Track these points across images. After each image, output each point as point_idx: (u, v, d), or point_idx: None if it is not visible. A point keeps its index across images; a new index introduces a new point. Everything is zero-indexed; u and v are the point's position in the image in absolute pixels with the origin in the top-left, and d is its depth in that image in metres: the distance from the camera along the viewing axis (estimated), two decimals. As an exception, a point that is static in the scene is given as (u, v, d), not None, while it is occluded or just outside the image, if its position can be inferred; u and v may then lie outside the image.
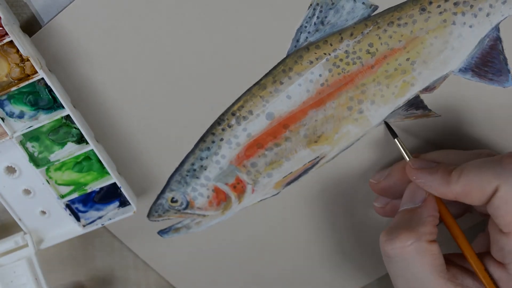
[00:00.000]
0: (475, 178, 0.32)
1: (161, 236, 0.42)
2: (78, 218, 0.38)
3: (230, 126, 0.37)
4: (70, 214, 0.37)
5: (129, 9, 0.34)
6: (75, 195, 0.37)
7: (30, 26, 0.34)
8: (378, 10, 0.34)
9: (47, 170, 0.36)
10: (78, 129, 0.35)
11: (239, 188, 0.39)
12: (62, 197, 0.37)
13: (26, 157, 0.35)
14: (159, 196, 0.40)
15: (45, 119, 0.35)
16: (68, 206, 0.37)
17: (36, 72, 0.33)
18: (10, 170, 0.36)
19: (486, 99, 0.37)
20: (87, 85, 0.36)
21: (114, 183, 0.37)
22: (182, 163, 0.39)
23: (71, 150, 0.36)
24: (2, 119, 0.35)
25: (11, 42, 0.32)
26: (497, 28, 0.35)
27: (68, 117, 0.35)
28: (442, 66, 0.36)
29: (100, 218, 0.38)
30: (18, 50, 0.33)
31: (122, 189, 0.37)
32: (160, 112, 0.37)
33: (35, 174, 0.36)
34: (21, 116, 0.35)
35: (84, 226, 0.38)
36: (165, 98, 0.36)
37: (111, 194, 0.38)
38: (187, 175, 0.39)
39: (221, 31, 0.35)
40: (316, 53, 0.35)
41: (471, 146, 0.38)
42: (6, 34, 0.32)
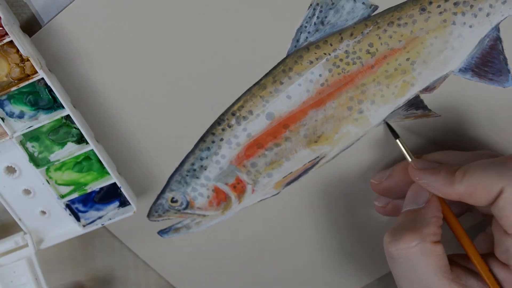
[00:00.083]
0: (480, 179, 0.32)
1: (161, 236, 0.42)
2: (78, 218, 0.38)
3: (230, 126, 0.37)
4: (70, 214, 0.37)
5: (129, 9, 0.34)
6: (75, 195, 0.37)
7: (30, 26, 0.34)
8: (378, 10, 0.34)
9: (47, 170, 0.36)
10: (78, 129, 0.35)
11: (239, 188, 0.39)
12: (62, 197, 0.37)
13: (26, 157, 0.35)
14: (159, 196, 0.40)
15: (45, 119, 0.35)
16: (68, 206, 0.37)
17: (36, 72, 0.33)
18: (10, 170, 0.36)
19: (486, 99, 0.37)
20: (87, 85, 0.36)
21: (114, 183, 0.37)
22: (182, 163, 0.39)
23: (71, 150, 0.36)
24: (2, 119, 0.35)
25: (11, 42, 0.32)
26: (497, 28, 0.35)
27: (68, 117, 0.35)
28: (442, 66, 0.36)
29: (100, 218, 0.38)
30: (18, 50, 0.32)
31: (122, 189, 0.37)
32: (160, 112, 0.37)
33: (35, 174, 0.36)
34: (21, 116, 0.35)
35: (84, 226, 0.38)
36: (165, 98, 0.36)
37: (111, 194, 0.38)
38: (187, 175, 0.39)
39: (221, 31, 0.34)
40: (316, 53, 0.35)
41: (471, 146, 0.38)
42: (6, 34, 0.32)
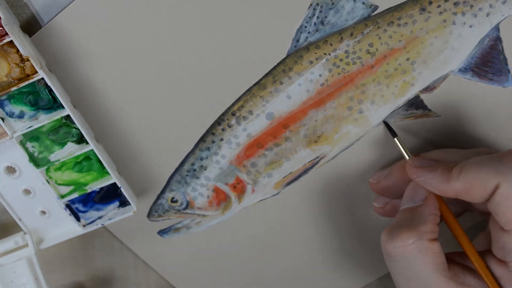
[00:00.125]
0: (476, 175, 0.32)
1: (161, 236, 0.42)
2: (78, 218, 0.38)
3: (230, 126, 0.37)
4: (70, 214, 0.37)
5: (129, 9, 0.34)
6: (75, 195, 0.37)
7: (30, 26, 0.34)
8: (378, 10, 0.34)
9: (47, 170, 0.36)
10: (78, 129, 0.35)
11: (239, 188, 0.39)
12: (62, 197, 0.37)
13: (26, 157, 0.35)
14: (159, 196, 0.40)
15: (45, 119, 0.35)
16: (68, 206, 0.37)
17: (36, 72, 0.33)
18: (10, 170, 0.36)
19: (486, 99, 0.37)
20: (87, 85, 0.36)
21: (114, 183, 0.37)
22: (182, 163, 0.39)
23: (71, 150, 0.36)
24: (2, 119, 0.35)
25: (11, 42, 0.32)
26: (497, 28, 0.35)
27: (68, 117, 0.35)
28: (442, 66, 0.36)
29: (100, 218, 0.38)
30: (18, 50, 0.32)
31: (122, 189, 0.37)
32: (160, 112, 0.37)
33: (35, 174, 0.36)
34: (21, 116, 0.35)
35: (84, 226, 0.38)
36: (165, 98, 0.36)
37: (111, 194, 0.38)
38: (187, 175, 0.39)
39: (221, 31, 0.34)
40: (316, 53, 0.35)
41: (471, 146, 0.38)
42: (6, 34, 0.32)
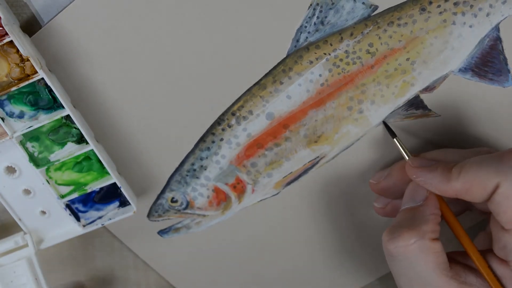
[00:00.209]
0: (476, 174, 0.31)
1: (161, 236, 0.42)
2: (78, 218, 0.38)
3: (230, 126, 0.37)
4: (70, 214, 0.37)
5: (129, 9, 0.34)
6: (75, 195, 0.37)
7: (30, 26, 0.34)
8: (378, 10, 0.34)
9: (47, 170, 0.36)
10: (78, 129, 0.35)
11: (239, 188, 0.39)
12: (62, 197, 0.37)
13: (26, 157, 0.35)
14: (159, 196, 0.40)
15: (45, 119, 0.35)
16: (68, 206, 0.37)
17: (36, 72, 0.33)
18: (10, 170, 0.36)
19: (486, 99, 0.37)
20: (87, 85, 0.36)
21: (114, 183, 0.37)
22: (182, 163, 0.39)
23: (71, 150, 0.36)
24: (2, 119, 0.35)
25: (11, 42, 0.32)
26: (497, 28, 0.35)
27: (68, 117, 0.35)
28: (442, 66, 0.36)
29: (100, 218, 0.38)
30: (18, 50, 0.32)
31: (122, 189, 0.37)
32: (160, 112, 0.37)
33: (35, 174, 0.36)
34: (21, 116, 0.35)
35: (84, 226, 0.38)
36: (165, 98, 0.36)
37: (111, 194, 0.38)
38: (187, 175, 0.39)
39: (221, 31, 0.34)
40: (316, 53, 0.35)
41: (471, 146, 0.38)
42: (6, 34, 0.32)
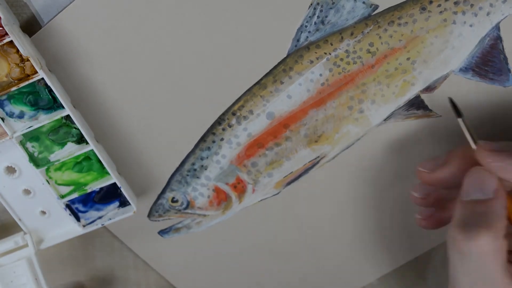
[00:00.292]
0: None
1: (161, 236, 0.42)
2: (78, 218, 0.38)
3: (230, 126, 0.37)
4: (70, 214, 0.37)
5: (129, 9, 0.34)
6: (75, 195, 0.37)
7: (30, 26, 0.34)
8: (378, 10, 0.34)
9: (47, 170, 0.36)
10: (78, 129, 0.35)
11: (240, 188, 0.39)
12: (62, 197, 0.37)
13: (26, 157, 0.35)
14: (160, 196, 0.40)
15: (45, 119, 0.35)
16: (68, 206, 0.37)
17: (36, 72, 0.33)
18: (10, 170, 0.36)
19: (486, 99, 0.37)
20: (87, 85, 0.36)
21: (114, 183, 0.37)
22: (183, 163, 0.38)
23: (71, 150, 0.36)
24: (2, 119, 0.35)
25: (11, 42, 0.32)
26: (497, 27, 0.35)
27: (68, 117, 0.35)
28: (443, 65, 0.36)
29: (100, 218, 0.38)
30: (18, 50, 0.32)
31: (122, 189, 0.37)
32: (160, 112, 0.37)
33: (35, 174, 0.36)
34: (21, 116, 0.35)
35: (84, 226, 0.38)
36: (165, 98, 0.36)
37: (111, 194, 0.38)
38: (188, 175, 0.39)
39: (221, 31, 0.34)
40: (316, 52, 0.35)
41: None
42: (6, 34, 0.32)
